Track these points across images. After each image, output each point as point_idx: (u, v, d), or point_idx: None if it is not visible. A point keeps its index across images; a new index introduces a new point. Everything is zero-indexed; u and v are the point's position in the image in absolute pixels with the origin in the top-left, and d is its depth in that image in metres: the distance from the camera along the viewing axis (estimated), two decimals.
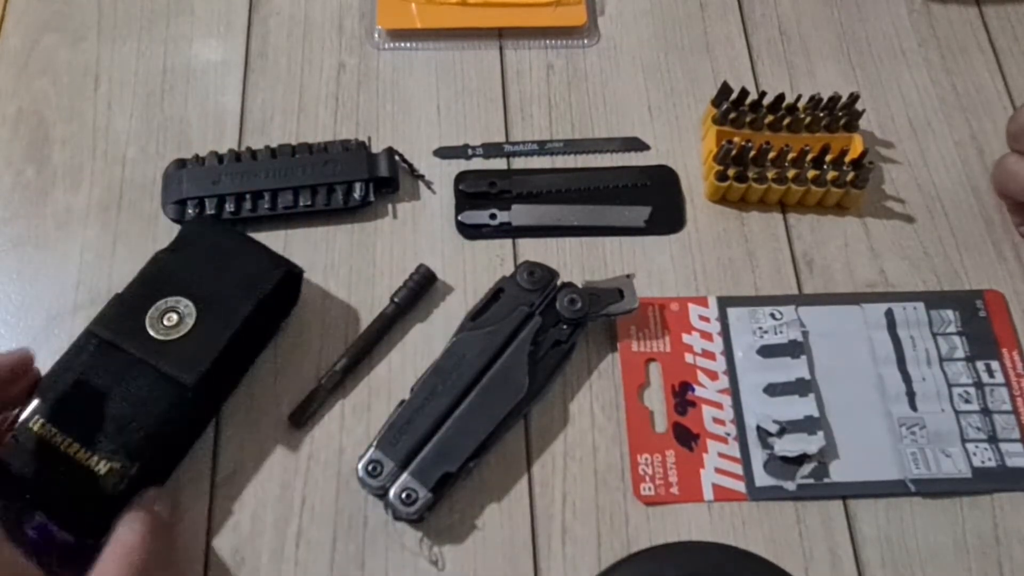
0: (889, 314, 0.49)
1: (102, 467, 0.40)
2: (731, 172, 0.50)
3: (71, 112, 0.53)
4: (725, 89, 0.51)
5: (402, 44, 0.56)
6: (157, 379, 0.41)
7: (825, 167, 0.50)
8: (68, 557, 0.40)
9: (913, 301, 0.49)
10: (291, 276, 0.46)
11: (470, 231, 0.51)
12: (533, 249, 0.50)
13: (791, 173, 0.50)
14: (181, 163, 0.51)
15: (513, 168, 0.53)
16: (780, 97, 0.51)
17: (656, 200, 0.52)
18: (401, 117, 0.54)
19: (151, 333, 0.42)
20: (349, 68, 0.55)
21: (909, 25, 0.58)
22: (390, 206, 0.51)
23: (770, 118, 0.51)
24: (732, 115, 0.51)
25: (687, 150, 0.53)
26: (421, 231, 0.51)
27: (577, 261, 0.50)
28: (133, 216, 0.50)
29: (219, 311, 0.43)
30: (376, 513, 0.44)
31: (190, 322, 0.42)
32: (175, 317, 0.42)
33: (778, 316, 0.48)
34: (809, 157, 0.50)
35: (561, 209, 0.51)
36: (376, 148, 0.51)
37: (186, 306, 0.43)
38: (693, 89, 0.55)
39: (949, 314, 0.49)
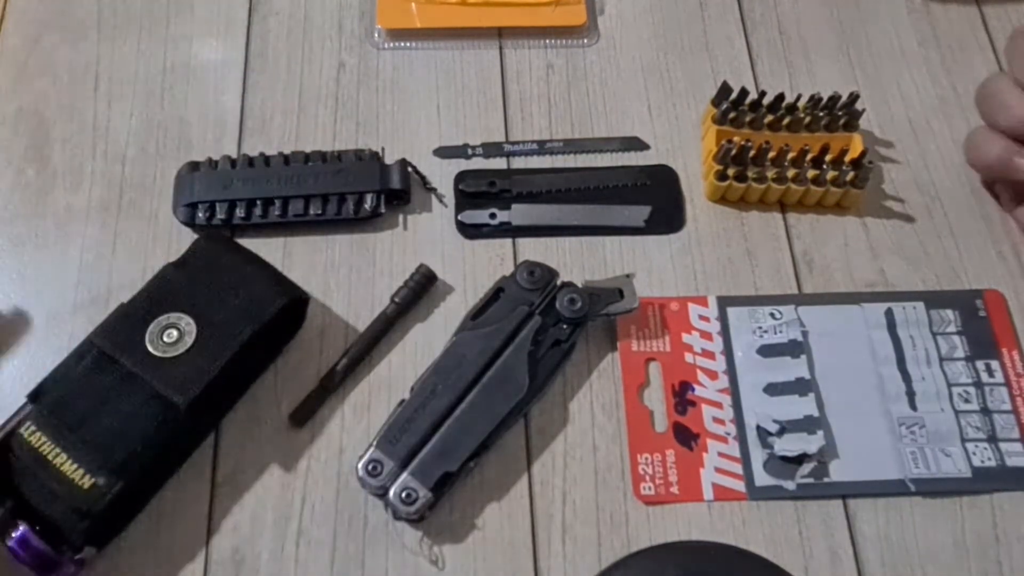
0: (889, 314, 0.49)
1: (86, 482, 0.39)
2: (731, 172, 0.50)
3: (71, 112, 0.53)
4: (725, 89, 0.51)
5: (402, 44, 0.56)
6: (150, 397, 0.41)
7: (825, 167, 0.50)
8: (46, 569, 0.39)
9: (913, 301, 0.49)
10: (296, 302, 0.45)
11: (470, 231, 0.51)
12: (533, 249, 0.50)
13: (791, 173, 0.50)
14: (194, 166, 0.50)
15: (513, 168, 0.53)
16: (780, 97, 0.51)
17: (656, 200, 0.52)
18: (401, 117, 0.54)
19: (149, 349, 0.41)
20: (349, 68, 0.55)
21: (909, 25, 0.58)
22: (400, 217, 0.51)
23: (770, 118, 0.51)
24: (732, 115, 0.51)
25: (687, 150, 0.53)
26: (421, 231, 0.51)
27: (577, 261, 0.50)
28: (133, 216, 0.50)
29: (219, 333, 0.42)
30: (376, 513, 0.44)
31: (189, 341, 0.42)
32: (175, 334, 0.42)
33: (778, 316, 0.48)
34: (809, 157, 0.50)
35: (561, 209, 0.51)
36: (389, 158, 0.51)
37: (187, 324, 0.42)
38: (693, 89, 0.55)
39: (949, 314, 0.49)
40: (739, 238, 0.51)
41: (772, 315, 0.48)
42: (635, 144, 0.54)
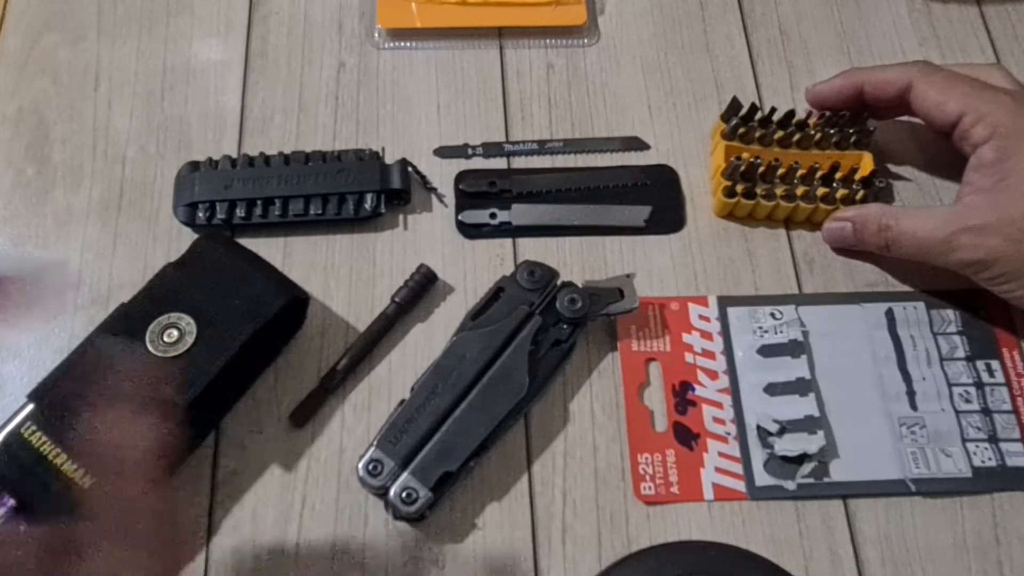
0: (889, 314, 0.49)
1: (87, 481, 0.39)
2: (739, 188, 0.50)
3: (71, 111, 0.53)
4: (734, 104, 0.51)
5: (402, 43, 0.56)
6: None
7: (835, 184, 0.50)
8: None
9: (913, 301, 0.49)
10: (296, 302, 0.45)
11: (470, 231, 0.51)
12: (533, 248, 0.50)
13: (800, 190, 0.50)
14: (194, 165, 0.50)
15: (513, 168, 0.53)
16: (790, 113, 0.50)
17: (656, 199, 0.52)
18: (401, 117, 0.54)
19: (150, 348, 0.41)
20: (349, 67, 0.55)
21: (909, 24, 0.58)
22: (400, 217, 0.51)
23: (780, 134, 0.51)
24: (741, 130, 0.50)
25: (687, 149, 0.53)
26: (421, 231, 0.51)
27: (577, 261, 0.50)
28: (133, 215, 0.50)
29: (219, 333, 0.42)
30: (376, 512, 0.44)
31: (189, 340, 0.42)
32: (175, 334, 0.42)
33: (778, 316, 0.48)
34: (818, 174, 0.49)
35: (561, 208, 0.51)
36: (389, 158, 0.51)
37: (187, 324, 0.42)
38: (693, 89, 0.55)
39: (949, 314, 0.49)
40: (739, 238, 0.51)
41: (772, 315, 0.48)
42: (635, 144, 0.54)
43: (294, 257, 0.49)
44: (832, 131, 0.51)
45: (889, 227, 0.46)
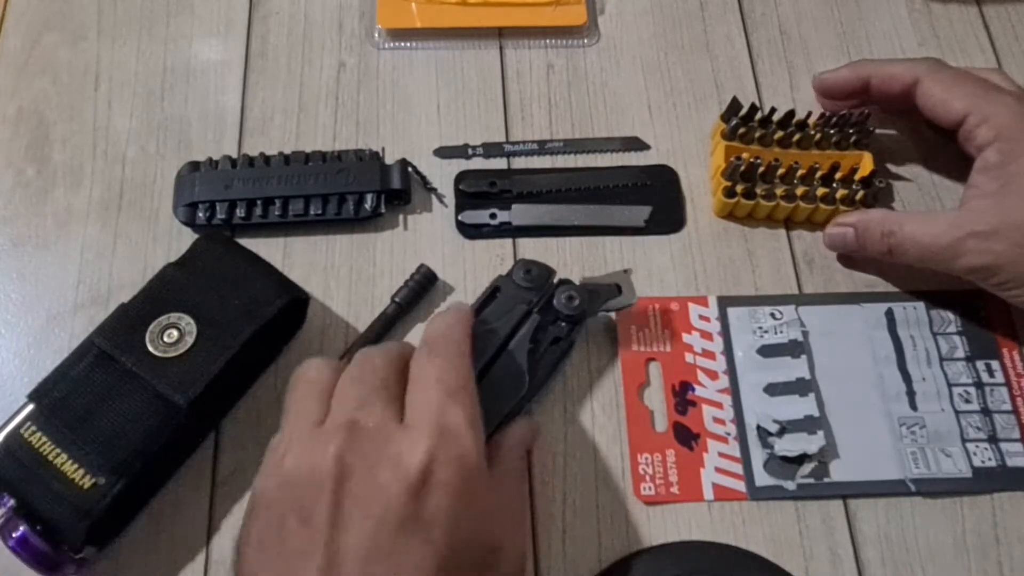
0: (889, 314, 0.49)
1: (87, 481, 0.39)
2: (739, 188, 0.50)
3: (71, 112, 0.53)
4: (734, 104, 0.51)
5: (402, 44, 0.56)
6: (150, 397, 0.40)
7: (835, 185, 0.50)
8: (46, 569, 0.39)
9: (913, 301, 0.49)
10: (296, 302, 0.45)
11: (470, 231, 0.51)
12: (533, 249, 0.50)
13: (800, 190, 0.49)
14: (194, 165, 0.50)
15: (513, 168, 0.53)
16: (790, 113, 0.50)
17: (656, 200, 0.52)
18: (401, 117, 0.54)
19: (150, 348, 0.41)
20: (349, 68, 0.55)
21: (909, 24, 0.58)
22: (400, 217, 0.51)
23: (780, 134, 0.51)
24: (741, 130, 0.50)
25: (687, 150, 0.53)
26: (422, 231, 0.51)
27: (577, 261, 0.50)
28: (133, 215, 0.50)
29: (219, 333, 0.42)
30: None
31: (189, 340, 0.41)
32: (175, 334, 0.42)
33: (778, 316, 0.48)
34: (818, 175, 0.49)
35: (561, 209, 0.51)
36: (389, 158, 0.51)
37: (188, 324, 0.42)
38: (693, 89, 0.55)
39: (949, 314, 0.49)
40: (739, 238, 0.51)
41: (772, 315, 0.48)
42: (635, 144, 0.54)
43: (294, 257, 0.50)
44: (832, 131, 0.51)
45: (892, 233, 0.46)
